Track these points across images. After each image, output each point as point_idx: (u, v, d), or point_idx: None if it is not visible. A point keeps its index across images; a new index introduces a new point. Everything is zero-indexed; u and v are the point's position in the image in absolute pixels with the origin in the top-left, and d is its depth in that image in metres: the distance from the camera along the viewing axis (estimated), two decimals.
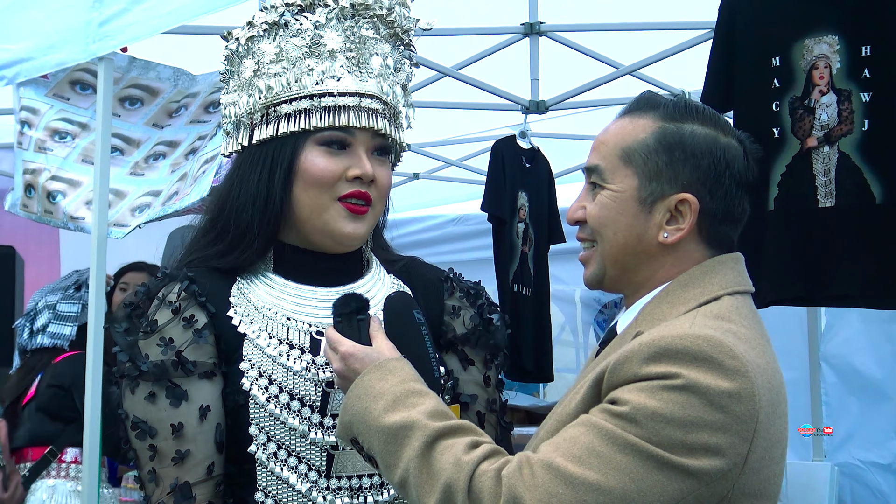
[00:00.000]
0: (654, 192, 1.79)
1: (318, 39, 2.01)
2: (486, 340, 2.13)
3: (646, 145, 1.79)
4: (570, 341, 7.64)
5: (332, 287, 2.03)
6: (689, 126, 1.80)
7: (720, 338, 1.63)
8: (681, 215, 1.79)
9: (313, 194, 1.98)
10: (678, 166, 1.78)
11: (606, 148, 1.83)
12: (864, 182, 3.24)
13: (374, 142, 2.02)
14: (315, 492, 1.93)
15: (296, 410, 1.93)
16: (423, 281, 2.17)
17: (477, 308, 2.16)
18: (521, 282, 5.21)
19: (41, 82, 4.45)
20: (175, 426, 1.89)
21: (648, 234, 1.80)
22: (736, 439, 1.60)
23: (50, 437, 4.60)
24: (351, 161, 1.99)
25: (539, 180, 5.36)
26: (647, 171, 1.79)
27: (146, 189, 4.22)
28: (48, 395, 4.59)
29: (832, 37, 3.30)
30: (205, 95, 4.42)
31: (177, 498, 1.88)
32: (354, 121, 1.98)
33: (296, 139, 1.99)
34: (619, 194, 1.80)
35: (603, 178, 1.82)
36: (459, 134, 6.78)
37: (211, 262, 2.03)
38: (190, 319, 1.95)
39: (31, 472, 4.56)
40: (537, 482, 1.59)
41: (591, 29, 5.44)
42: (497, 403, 2.14)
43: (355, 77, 2.01)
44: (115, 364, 1.95)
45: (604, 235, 1.82)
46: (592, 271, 1.86)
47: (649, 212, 1.79)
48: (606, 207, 1.81)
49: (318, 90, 1.99)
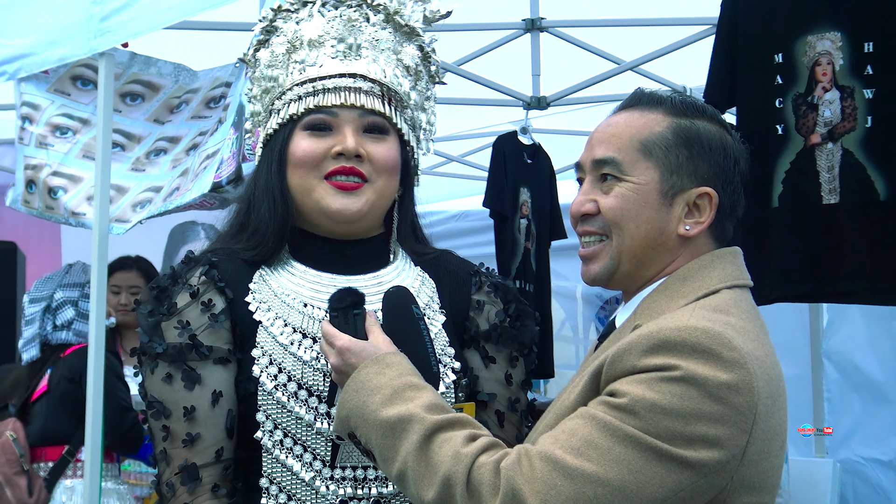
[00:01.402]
0: (675, 186, 1.79)
1: (299, 34, 2.07)
2: (511, 337, 2.12)
3: (665, 138, 1.80)
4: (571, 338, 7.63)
5: (353, 275, 2.04)
6: (700, 122, 1.82)
7: (719, 330, 1.63)
8: (698, 209, 1.80)
9: (301, 176, 2.03)
10: (698, 160, 1.80)
11: (620, 140, 1.81)
12: (868, 178, 3.24)
13: (363, 120, 2.03)
14: (318, 481, 1.94)
15: (303, 400, 1.94)
16: (451, 275, 2.16)
17: (504, 304, 2.15)
18: (524, 278, 5.21)
19: (42, 78, 4.44)
20: (187, 409, 1.93)
21: (669, 228, 1.80)
22: (734, 431, 1.60)
23: (64, 435, 4.51)
24: (336, 140, 2.02)
25: (540, 176, 5.35)
26: (668, 164, 1.79)
27: (147, 185, 4.22)
28: (61, 390, 4.51)
29: (835, 33, 3.30)
30: (206, 91, 4.41)
31: (183, 478, 1.91)
32: (334, 100, 2.02)
33: (286, 130, 2.05)
34: (641, 186, 1.79)
35: (621, 171, 1.80)
36: (461, 130, 6.77)
37: (238, 254, 2.07)
38: (208, 304, 1.99)
39: (52, 475, 4.47)
40: (536, 474, 1.60)
41: (592, 25, 5.44)
42: (521, 403, 2.12)
43: (340, 61, 2.05)
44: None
45: (625, 228, 1.80)
46: (603, 266, 1.84)
47: (670, 205, 1.80)
48: (629, 200, 1.79)
49: (301, 79, 2.05)
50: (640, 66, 5.36)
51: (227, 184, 3.70)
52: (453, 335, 2.08)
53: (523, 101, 5.62)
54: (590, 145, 1.86)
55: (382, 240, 2.12)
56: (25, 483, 4.45)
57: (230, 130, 3.81)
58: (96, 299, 3.31)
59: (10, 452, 4.46)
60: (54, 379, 4.56)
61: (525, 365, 2.14)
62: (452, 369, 2.02)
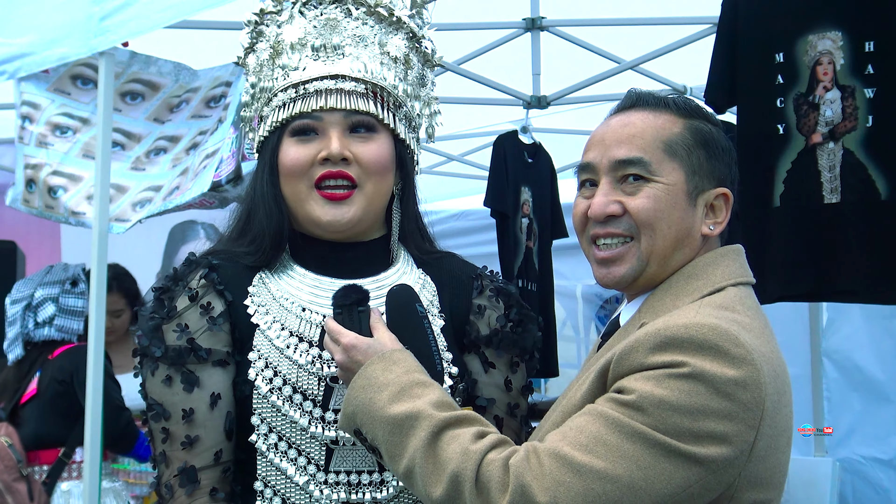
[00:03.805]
0: (697, 186, 1.81)
1: (280, 38, 2.05)
2: (511, 342, 2.10)
3: (686, 139, 1.81)
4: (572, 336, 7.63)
5: (353, 279, 2.03)
6: (707, 124, 1.84)
7: (725, 327, 1.64)
8: (713, 210, 1.82)
9: (292, 185, 2.02)
10: (714, 161, 1.82)
11: (644, 140, 1.80)
12: (869, 178, 3.24)
13: (348, 120, 2.01)
14: (312, 485, 1.94)
15: (297, 403, 1.94)
16: (453, 278, 2.15)
17: (506, 309, 2.13)
18: (527, 277, 5.20)
19: (42, 77, 4.44)
20: (186, 411, 1.93)
21: (695, 228, 1.82)
22: (742, 427, 1.60)
23: (57, 437, 4.51)
24: (321, 144, 2.00)
25: (541, 175, 5.35)
26: (691, 165, 1.80)
27: (147, 184, 4.21)
28: (52, 392, 4.52)
29: (835, 32, 3.30)
30: (206, 90, 4.40)
31: (182, 480, 1.91)
32: (316, 104, 1.99)
33: (275, 137, 2.04)
34: (671, 187, 1.80)
35: (650, 171, 1.79)
36: (461, 129, 6.76)
37: (240, 258, 2.06)
38: (207, 307, 1.99)
39: (50, 478, 4.47)
40: (545, 471, 1.60)
41: (592, 24, 5.43)
42: (521, 408, 2.12)
43: (322, 63, 2.02)
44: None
45: (657, 229, 1.79)
46: (630, 268, 1.82)
47: (694, 206, 1.81)
48: (661, 200, 1.79)
49: (284, 84, 2.03)
50: (641, 65, 5.35)
51: (226, 183, 3.70)
52: (452, 339, 2.07)
53: (524, 101, 5.61)
54: (603, 146, 1.83)
55: (384, 242, 2.11)
56: (25, 489, 4.44)
57: (230, 130, 3.80)
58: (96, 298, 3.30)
59: (8, 458, 4.45)
60: (44, 381, 4.56)
61: (526, 370, 2.13)
62: (449, 374, 2.01)
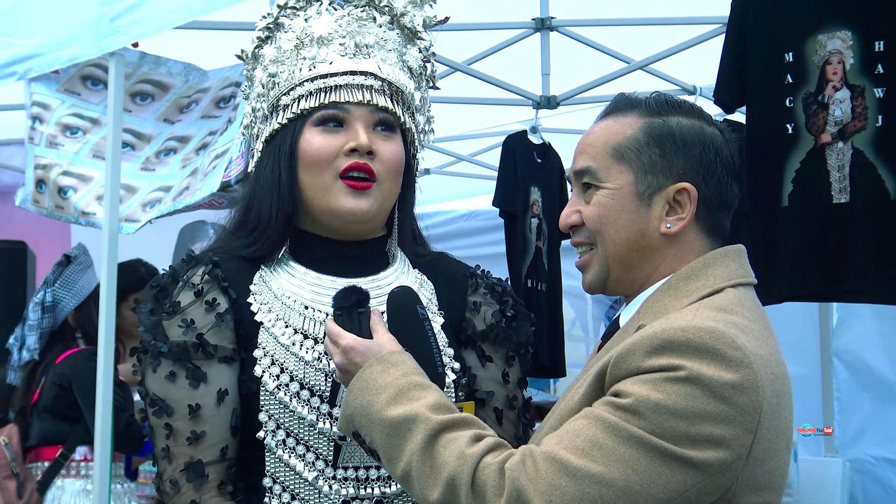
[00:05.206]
0: (651, 186, 1.79)
1: (307, 31, 2.07)
2: (507, 337, 2.13)
3: (636, 140, 1.80)
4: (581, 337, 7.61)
5: (352, 278, 2.04)
6: (674, 118, 1.82)
7: (723, 329, 1.63)
8: (679, 205, 1.80)
9: (315, 174, 2.02)
10: (671, 157, 1.79)
11: (595, 149, 1.84)
12: (879, 178, 3.23)
13: (373, 117, 2.04)
14: (321, 480, 1.95)
15: (305, 400, 1.95)
16: (448, 277, 2.18)
17: (500, 305, 2.16)
18: (536, 277, 5.20)
19: (52, 78, 4.45)
20: (192, 407, 1.93)
21: (650, 228, 1.80)
22: (740, 431, 1.60)
23: (60, 437, 4.61)
24: (348, 136, 2.02)
25: (551, 175, 5.34)
26: (641, 165, 1.80)
27: (157, 184, 4.22)
28: (51, 396, 4.63)
29: (845, 32, 3.29)
30: (216, 91, 4.42)
31: (189, 475, 1.92)
32: (347, 96, 2.02)
33: (296, 125, 2.05)
34: (616, 191, 1.80)
35: (597, 178, 1.82)
36: (470, 129, 6.76)
37: (237, 251, 2.07)
38: (212, 303, 1.99)
39: (45, 477, 4.57)
40: (541, 475, 1.60)
41: (602, 24, 5.43)
42: (518, 401, 2.15)
43: (349, 59, 2.05)
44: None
45: (605, 235, 1.81)
46: (594, 274, 1.85)
47: (648, 205, 1.80)
48: (605, 206, 1.81)
49: (311, 75, 2.04)
50: (650, 65, 5.35)
51: (235, 183, 3.70)
52: (451, 336, 2.10)
53: (533, 101, 5.61)
54: (573, 158, 1.88)
55: (382, 242, 2.13)
56: (14, 486, 4.59)
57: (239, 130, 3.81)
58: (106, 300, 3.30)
59: (1, 457, 4.59)
60: (46, 386, 4.67)
61: (521, 364, 2.16)
62: (452, 369, 2.04)
